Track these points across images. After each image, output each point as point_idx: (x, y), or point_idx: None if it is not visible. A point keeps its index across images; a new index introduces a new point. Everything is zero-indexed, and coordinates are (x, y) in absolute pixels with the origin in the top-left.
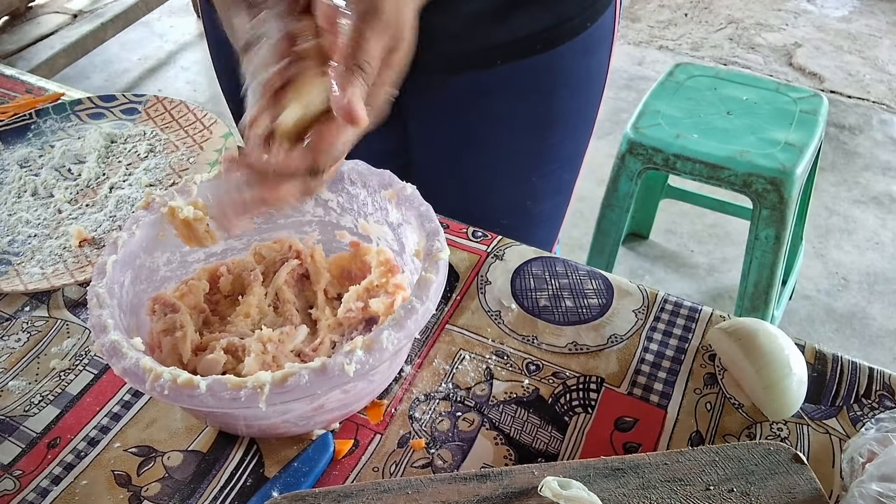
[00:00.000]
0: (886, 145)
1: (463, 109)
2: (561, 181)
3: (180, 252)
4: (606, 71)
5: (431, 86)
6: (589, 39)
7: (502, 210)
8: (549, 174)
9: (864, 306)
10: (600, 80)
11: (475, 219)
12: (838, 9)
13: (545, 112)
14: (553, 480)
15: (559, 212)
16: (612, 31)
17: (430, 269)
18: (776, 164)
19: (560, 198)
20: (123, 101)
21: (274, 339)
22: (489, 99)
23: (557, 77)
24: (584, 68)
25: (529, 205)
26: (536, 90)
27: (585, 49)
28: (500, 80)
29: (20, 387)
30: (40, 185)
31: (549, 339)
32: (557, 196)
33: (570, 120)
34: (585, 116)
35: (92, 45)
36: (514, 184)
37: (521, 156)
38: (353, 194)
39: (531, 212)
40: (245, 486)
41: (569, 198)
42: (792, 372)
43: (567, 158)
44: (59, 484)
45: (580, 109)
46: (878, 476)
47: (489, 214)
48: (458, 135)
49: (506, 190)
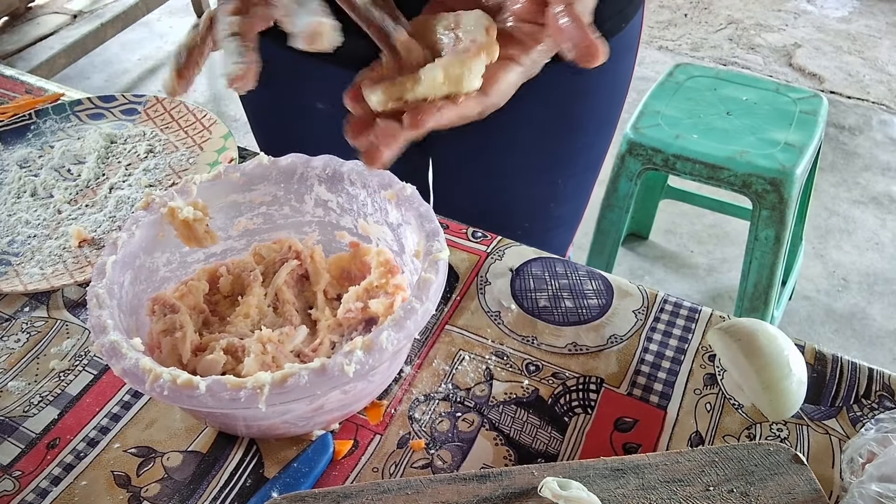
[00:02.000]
0: (886, 146)
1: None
2: (584, 183)
3: (180, 252)
4: (631, 74)
5: None
6: (620, 42)
7: (525, 213)
8: (574, 176)
9: (864, 307)
10: (626, 83)
11: (497, 223)
12: (838, 9)
13: (573, 116)
14: (553, 481)
15: (578, 213)
16: (639, 33)
17: (430, 269)
18: (776, 165)
19: (581, 199)
20: (123, 101)
21: (273, 340)
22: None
23: (587, 80)
24: (611, 72)
25: (552, 206)
26: (565, 93)
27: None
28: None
29: (19, 387)
30: (40, 186)
31: (548, 340)
32: (579, 198)
33: (595, 122)
34: (611, 119)
35: (92, 45)
36: (539, 186)
37: (547, 159)
38: (353, 195)
39: (553, 214)
40: (245, 487)
41: (588, 199)
42: (792, 372)
43: (592, 161)
44: (59, 485)
45: (606, 112)
46: (878, 476)
47: (512, 217)
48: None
49: (530, 192)
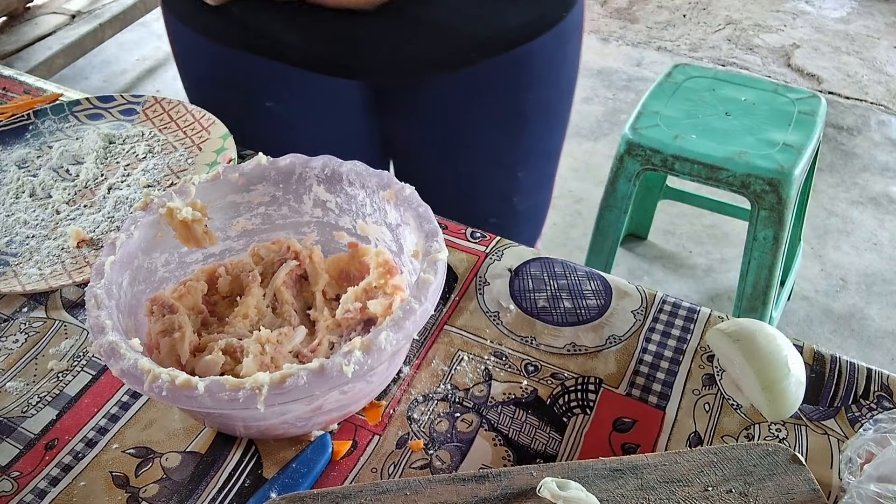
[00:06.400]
0: (884, 146)
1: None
2: (544, 175)
3: (178, 253)
4: (578, 62)
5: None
6: (563, 30)
7: (490, 209)
8: (532, 168)
9: (863, 307)
10: (574, 71)
11: (464, 219)
12: (836, 10)
13: (525, 106)
14: (551, 481)
15: (543, 208)
16: (581, 20)
17: (429, 269)
18: (774, 165)
19: (544, 193)
20: (122, 101)
21: (272, 340)
22: (471, 96)
23: (536, 70)
24: (559, 59)
25: (516, 201)
26: (516, 85)
27: (560, 40)
28: (482, 76)
29: (18, 388)
30: (38, 186)
31: (547, 340)
32: (541, 191)
33: (549, 112)
34: (563, 108)
35: (90, 45)
36: (501, 181)
37: (505, 152)
38: (352, 195)
39: (518, 209)
40: (243, 487)
41: (551, 193)
42: (790, 373)
43: (548, 151)
44: (57, 485)
45: (558, 101)
46: (877, 477)
47: (477, 213)
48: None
49: (492, 187)
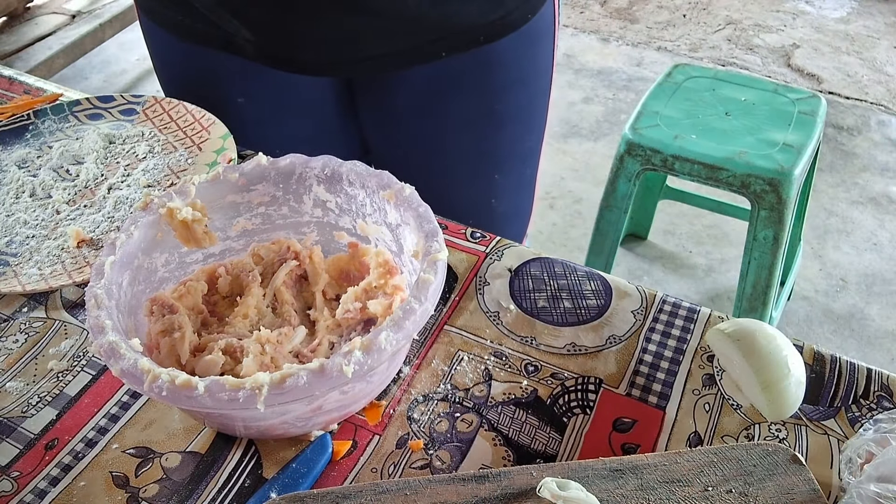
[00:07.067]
0: (884, 146)
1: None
2: (522, 177)
3: (178, 253)
4: (552, 64)
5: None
6: (530, 32)
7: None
8: (510, 170)
9: (863, 307)
10: (547, 73)
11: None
12: (836, 10)
13: (497, 108)
14: (551, 481)
15: (525, 208)
16: (553, 23)
17: (429, 269)
18: (774, 165)
19: (523, 194)
20: (122, 101)
21: (272, 340)
22: (440, 96)
23: (505, 71)
24: (529, 61)
25: (494, 203)
26: (486, 86)
27: (528, 42)
28: (450, 76)
29: (18, 388)
30: (38, 186)
31: (547, 340)
32: (520, 193)
33: (522, 114)
34: (537, 110)
35: (90, 45)
36: (476, 182)
37: (479, 154)
38: (352, 195)
39: (496, 210)
40: (243, 487)
41: (532, 194)
42: (790, 373)
43: (525, 154)
44: (57, 485)
45: (531, 103)
46: (877, 477)
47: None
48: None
49: (469, 189)
